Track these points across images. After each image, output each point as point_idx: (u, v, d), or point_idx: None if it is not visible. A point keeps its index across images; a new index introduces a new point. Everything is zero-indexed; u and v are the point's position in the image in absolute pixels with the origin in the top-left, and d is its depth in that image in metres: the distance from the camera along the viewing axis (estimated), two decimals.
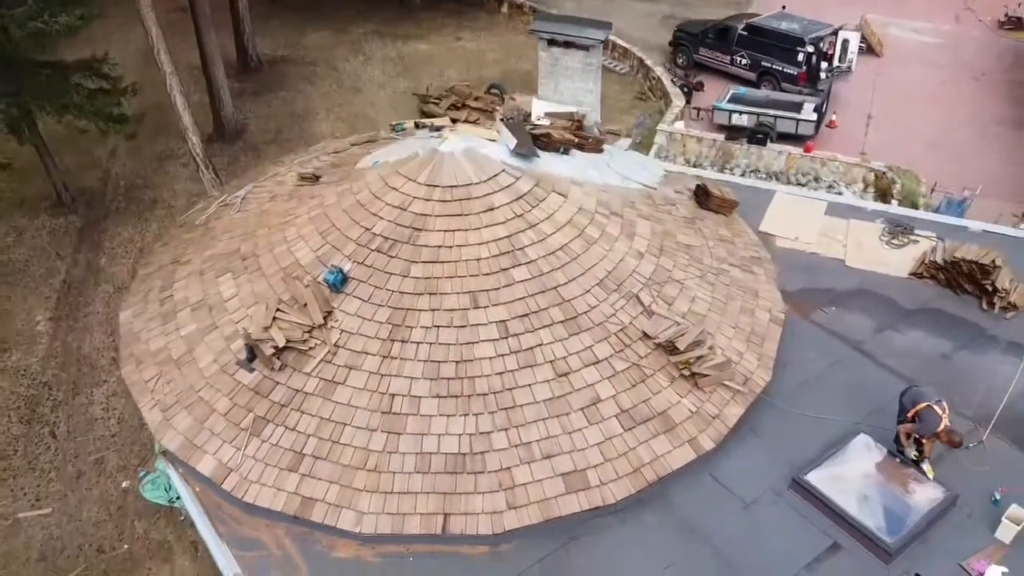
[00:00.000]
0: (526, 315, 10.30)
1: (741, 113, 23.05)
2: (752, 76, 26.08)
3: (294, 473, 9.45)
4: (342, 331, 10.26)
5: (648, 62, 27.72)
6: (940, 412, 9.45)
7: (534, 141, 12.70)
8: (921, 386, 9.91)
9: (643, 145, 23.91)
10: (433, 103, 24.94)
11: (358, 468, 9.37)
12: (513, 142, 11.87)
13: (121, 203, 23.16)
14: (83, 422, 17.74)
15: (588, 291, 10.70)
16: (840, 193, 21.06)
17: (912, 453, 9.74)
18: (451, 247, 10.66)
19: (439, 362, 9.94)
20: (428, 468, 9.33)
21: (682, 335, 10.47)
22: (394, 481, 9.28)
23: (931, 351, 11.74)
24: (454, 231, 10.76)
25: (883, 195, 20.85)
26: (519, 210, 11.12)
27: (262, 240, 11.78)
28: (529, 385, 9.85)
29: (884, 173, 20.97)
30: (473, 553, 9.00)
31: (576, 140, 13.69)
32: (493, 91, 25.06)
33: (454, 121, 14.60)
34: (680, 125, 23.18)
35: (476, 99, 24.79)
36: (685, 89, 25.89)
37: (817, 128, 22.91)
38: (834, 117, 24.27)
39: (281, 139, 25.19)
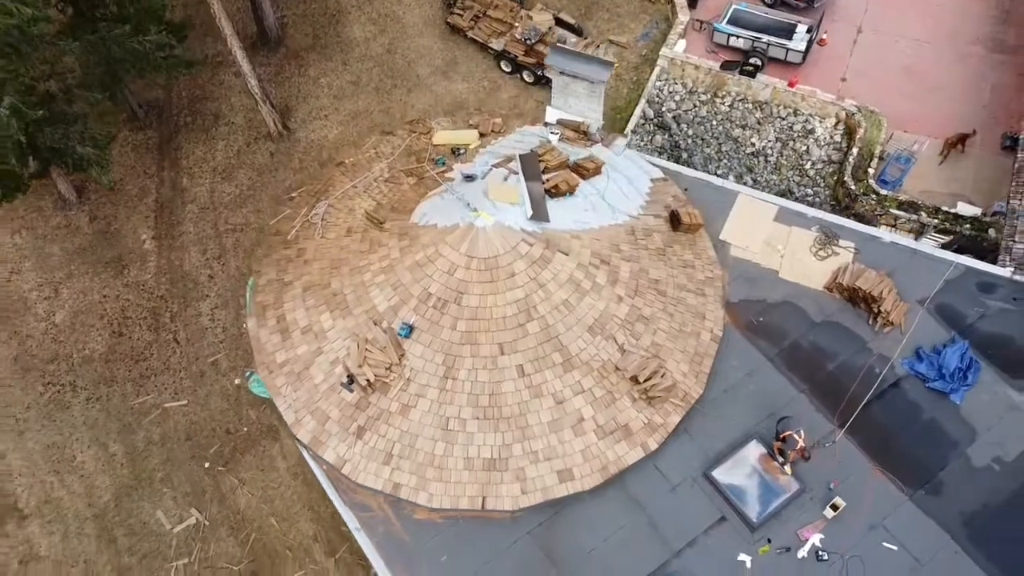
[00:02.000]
0: (536, 360, 15.10)
1: (738, 37, 25.31)
2: None
3: (386, 466, 14.90)
4: (411, 369, 15.16)
5: None
6: (798, 438, 14.62)
7: (545, 191, 16.52)
8: (790, 417, 14.99)
9: (647, 60, 26.47)
10: (457, 14, 26.97)
11: (428, 465, 14.79)
12: (530, 211, 15.76)
13: (187, 117, 26.47)
14: (197, 330, 23.10)
15: (579, 336, 15.37)
16: (813, 130, 24.24)
17: (780, 459, 15.01)
18: (485, 307, 15.17)
19: (477, 395, 14.96)
20: (472, 467, 14.73)
21: (643, 369, 15.31)
22: (451, 475, 14.73)
23: (822, 361, 16.52)
24: (487, 295, 15.19)
25: (850, 134, 24.00)
26: (533, 274, 15.43)
27: (346, 279, 16.20)
28: (537, 411, 14.94)
29: (853, 114, 23.92)
30: (500, 519, 14.69)
31: (581, 174, 17.38)
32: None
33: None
34: (680, 48, 25.53)
35: (496, 7, 26.81)
36: None
37: (805, 56, 25.24)
38: (825, 36, 26.30)
39: (319, 45, 27.58)
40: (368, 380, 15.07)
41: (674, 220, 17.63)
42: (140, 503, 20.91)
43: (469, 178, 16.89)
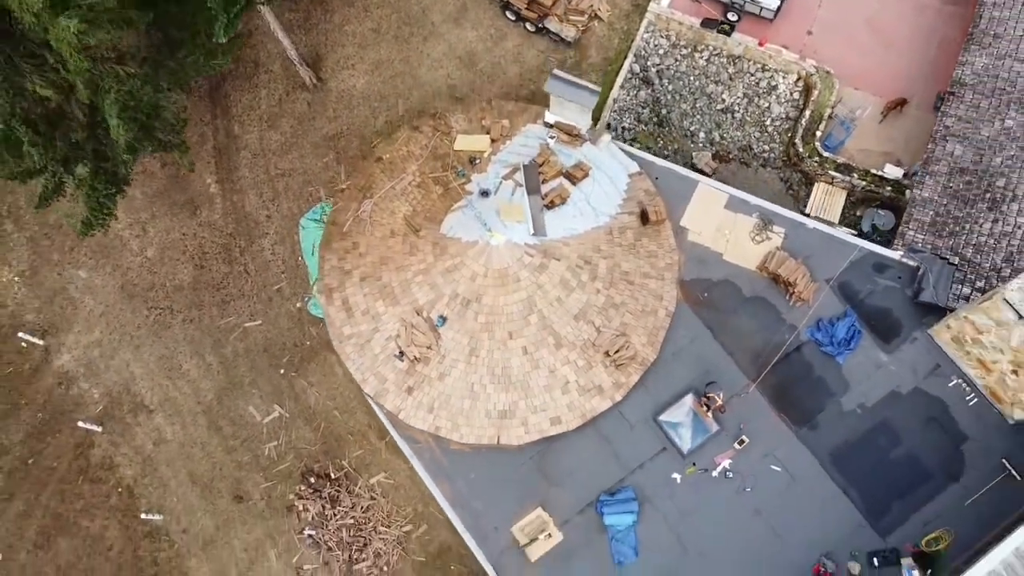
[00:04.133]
0: (535, 342, 20.89)
1: None
2: None
3: (429, 414, 21.22)
4: (445, 348, 20.99)
5: None
6: (717, 397, 20.79)
7: (543, 199, 21.37)
8: (715, 382, 21.04)
9: (638, 8, 29.44)
10: None
11: (459, 414, 21.10)
12: (531, 228, 20.77)
13: (230, 64, 29.85)
14: (262, 263, 28.53)
15: (567, 323, 21.05)
16: (776, 86, 28.01)
17: (706, 408, 21.24)
18: (497, 305, 20.70)
19: (493, 367, 20.92)
20: (490, 416, 21.05)
21: (613, 344, 21.14)
22: (475, 420, 21.08)
23: (748, 329, 22.26)
24: (498, 297, 20.67)
25: (807, 92, 27.79)
26: (533, 279, 20.79)
27: (393, 276, 21.55)
28: (536, 378, 20.99)
29: (812, 74, 27.52)
30: (509, 450, 21.23)
31: (572, 180, 22.09)
32: None
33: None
34: (667, 2, 28.48)
35: None
36: None
37: (777, 13, 28.19)
38: None
39: None
40: (415, 356, 20.99)
41: (644, 217, 22.56)
42: (236, 401, 27.62)
43: (484, 193, 21.65)
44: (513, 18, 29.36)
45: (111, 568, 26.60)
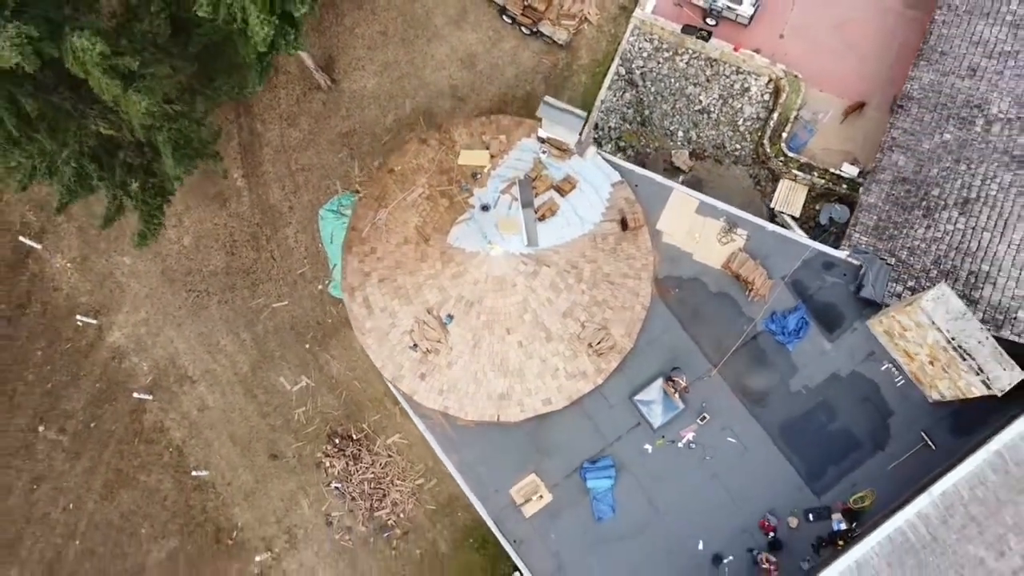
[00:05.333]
0: (529, 337, 24.56)
1: None
2: None
3: (440, 396, 25.08)
4: (452, 342, 24.66)
5: None
6: (681, 381, 24.60)
7: (535, 213, 24.68)
8: (679, 368, 24.78)
9: (625, 11, 31.92)
10: None
11: (464, 397, 24.97)
12: (525, 239, 24.16)
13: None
14: (286, 249, 31.92)
15: (556, 320, 24.66)
16: (748, 88, 30.82)
17: (673, 390, 25.05)
18: (496, 306, 24.28)
19: (493, 358, 24.65)
20: (491, 398, 24.89)
21: (596, 337, 24.80)
22: (479, 402, 24.95)
23: (712, 321, 25.86)
24: (497, 299, 24.22)
25: (777, 93, 30.61)
26: (527, 283, 24.30)
27: (407, 279, 25.03)
28: (530, 367, 24.74)
29: (781, 77, 30.27)
30: (508, 426, 25.16)
31: (561, 192, 25.35)
32: None
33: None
34: (650, 7, 30.93)
35: None
36: None
37: (751, 19, 30.68)
38: None
39: None
40: (427, 348, 24.70)
41: (623, 224, 25.88)
42: (268, 372, 31.49)
43: (485, 208, 24.92)
44: (510, 21, 31.89)
45: (167, 515, 31.02)
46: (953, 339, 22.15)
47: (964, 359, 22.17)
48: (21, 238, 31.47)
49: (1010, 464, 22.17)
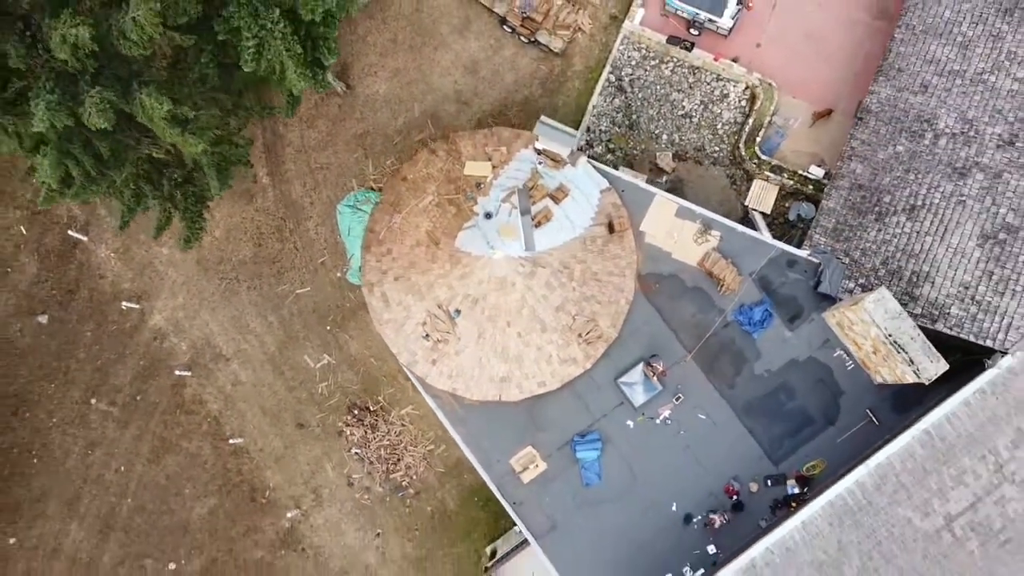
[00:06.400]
0: (526, 328, 28.19)
1: (682, 11, 33.46)
2: None
3: (449, 379, 28.84)
4: (460, 332, 28.30)
5: None
6: (659, 366, 28.33)
7: (532, 219, 28.07)
8: (657, 355, 28.47)
9: (615, 21, 34.70)
10: None
11: (470, 380, 28.72)
12: (523, 244, 27.58)
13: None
14: (307, 241, 35.32)
15: (551, 314, 28.26)
16: (727, 94, 33.84)
17: (652, 374, 28.76)
18: (498, 303, 27.85)
19: (495, 347, 28.32)
20: (493, 380, 28.64)
21: (584, 328, 28.43)
22: (483, 385, 28.70)
23: (687, 312, 29.44)
24: (499, 297, 27.78)
25: (752, 99, 33.61)
26: (525, 282, 27.82)
27: (420, 277, 28.54)
28: (527, 354, 28.43)
29: (756, 85, 33.23)
30: (508, 405, 28.95)
31: (556, 200, 28.71)
32: None
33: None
34: (639, 19, 33.73)
35: None
36: None
37: (731, 31, 33.46)
38: (751, 4, 33.98)
39: None
40: (437, 338, 28.36)
41: (610, 227, 29.26)
42: (293, 351, 35.22)
43: (488, 215, 28.28)
44: (509, 31, 34.68)
45: (207, 477, 35.14)
46: (890, 335, 25.78)
47: (899, 352, 25.84)
48: (69, 232, 34.83)
49: (936, 440, 26.06)
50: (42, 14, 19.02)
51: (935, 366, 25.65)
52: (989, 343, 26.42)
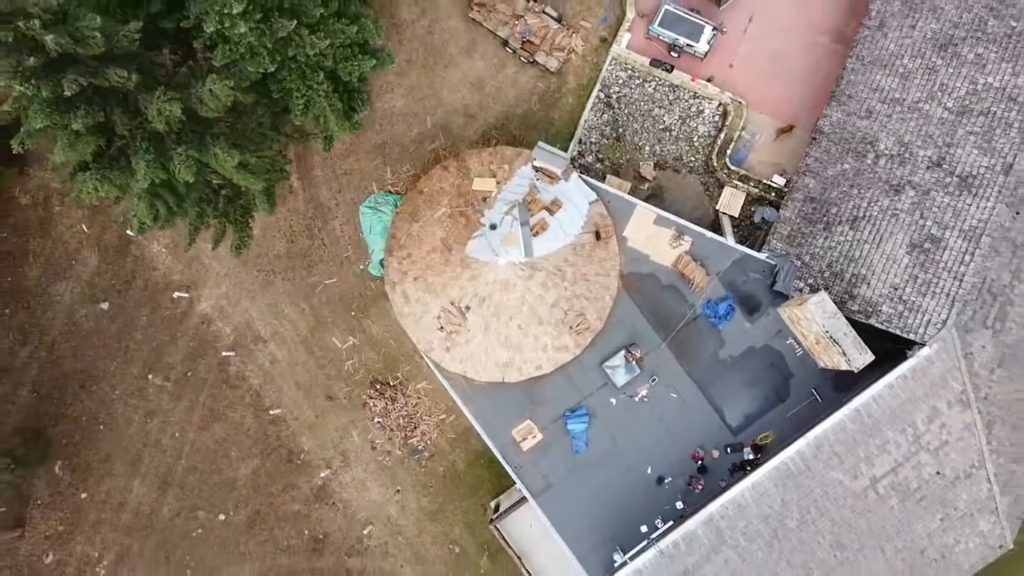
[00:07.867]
0: (526, 322, 33.41)
1: (663, 36, 37.88)
2: None
3: (461, 364, 34.19)
4: (470, 325, 33.53)
5: None
6: (638, 352, 33.67)
7: (531, 230, 33.09)
8: (635, 344, 33.76)
9: (606, 43, 39.11)
10: (477, 8, 38.64)
11: (479, 365, 34.06)
12: (523, 252, 32.63)
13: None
14: (334, 238, 40.27)
15: (546, 310, 33.45)
16: (703, 110, 38.47)
17: (631, 360, 34.06)
18: (502, 302, 33.03)
19: (499, 337, 33.57)
20: (498, 365, 33.97)
21: (575, 322, 33.65)
22: (489, 368, 34.05)
23: (663, 307, 34.61)
24: (503, 296, 32.95)
25: (724, 115, 38.22)
26: (525, 285, 32.96)
27: (435, 279, 33.64)
28: (527, 344, 33.70)
29: (728, 103, 37.80)
30: (510, 386, 34.33)
31: (551, 212, 33.68)
32: None
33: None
34: (625, 43, 38.14)
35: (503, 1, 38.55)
36: None
37: (707, 55, 37.86)
38: (726, 29, 38.26)
39: None
40: (450, 330, 33.60)
41: (597, 235, 34.25)
42: (323, 334, 40.46)
43: (493, 226, 33.25)
44: (511, 52, 39.10)
45: (250, 442, 40.73)
46: (827, 331, 31.04)
47: (835, 345, 31.13)
48: (127, 231, 39.80)
49: (864, 416, 31.53)
50: (138, 89, 23.63)
51: (863, 357, 30.99)
52: (912, 336, 31.70)
